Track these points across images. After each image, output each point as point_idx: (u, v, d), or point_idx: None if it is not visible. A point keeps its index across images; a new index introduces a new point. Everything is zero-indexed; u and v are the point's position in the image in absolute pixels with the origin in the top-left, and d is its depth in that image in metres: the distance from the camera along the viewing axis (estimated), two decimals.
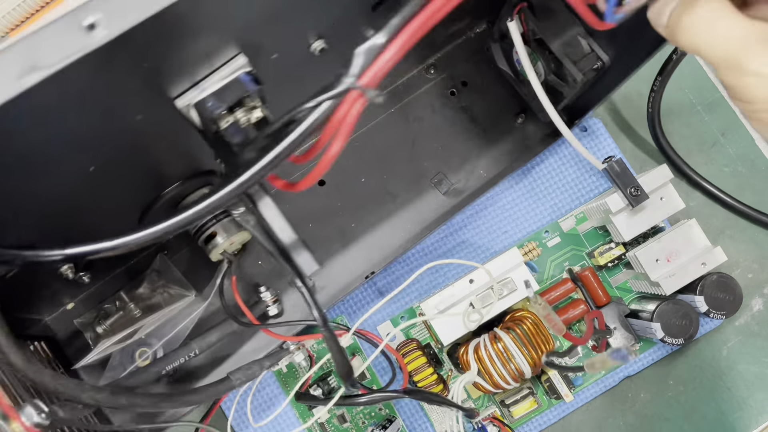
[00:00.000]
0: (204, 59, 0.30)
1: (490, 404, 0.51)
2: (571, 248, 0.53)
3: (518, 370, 0.46)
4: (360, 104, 0.26)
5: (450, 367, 0.51)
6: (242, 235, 0.43)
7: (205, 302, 0.46)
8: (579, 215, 0.53)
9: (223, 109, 0.31)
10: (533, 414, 0.51)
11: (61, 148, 0.29)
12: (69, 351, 0.47)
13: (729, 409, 0.51)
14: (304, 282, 0.34)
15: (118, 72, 0.26)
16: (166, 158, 0.38)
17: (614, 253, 0.51)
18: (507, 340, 0.46)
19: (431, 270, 0.53)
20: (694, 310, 0.47)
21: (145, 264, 0.49)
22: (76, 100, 0.26)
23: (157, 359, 0.44)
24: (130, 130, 0.32)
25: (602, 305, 0.51)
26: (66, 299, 0.48)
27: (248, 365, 0.44)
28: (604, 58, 0.44)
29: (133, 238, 0.28)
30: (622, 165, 0.47)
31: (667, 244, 0.47)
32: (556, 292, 0.51)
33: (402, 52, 0.26)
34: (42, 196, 0.33)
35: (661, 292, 0.47)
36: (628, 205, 0.47)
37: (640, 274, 0.48)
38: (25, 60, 0.20)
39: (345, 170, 0.52)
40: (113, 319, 0.47)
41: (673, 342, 0.46)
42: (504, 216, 0.54)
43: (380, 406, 0.51)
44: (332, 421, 0.51)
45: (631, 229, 0.47)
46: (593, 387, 0.51)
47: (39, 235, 0.32)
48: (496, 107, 0.54)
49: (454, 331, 0.47)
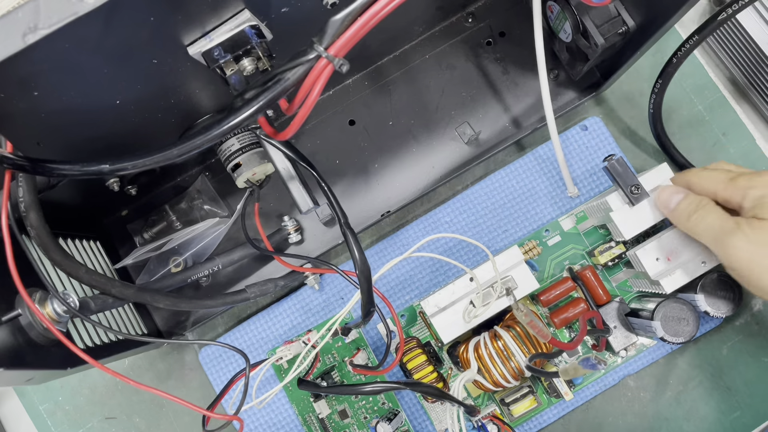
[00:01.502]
0: (212, 12, 0.34)
1: (490, 403, 0.51)
2: (572, 247, 0.53)
3: (518, 368, 0.47)
4: (328, 71, 0.29)
5: (450, 366, 0.51)
6: (263, 167, 0.47)
7: (230, 222, 0.51)
8: (579, 214, 0.52)
9: (227, 58, 0.35)
10: (533, 413, 0.51)
11: (89, 86, 0.34)
12: (122, 252, 0.55)
13: (729, 408, 0.51)
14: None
15: (126, 26, 0.30)
16: (193, 94, 0.43)
17: (614, 251, 0.50)
18: (507, 338, 0.47)
19: (432, 269, 0.53)
20: (694, 309, 0.47)
21: (190, 182, 0.55)
22: (92, 48, 0.30)
23: (185, 268, 0.50)
24: (150, 72, 0.36)
25: (602, 304, 0.50)
26: (122, 208, 0.55)
27: (263, 282, 0.50)
28: (630, 24, 0.43)
29: (135, 162, 0.32)
30: (623, 163, 0.46)
31: (667, 242, 0.46)
32: (556, 290, 0.50)
33: (367, 26, 0.28)
34: (85, 127, 0.38)
35: (661, 290, 0.46)
36: (628, 204, 0.46)
37: (640, 272, 0.48)
38: (29, 21, 0.25)
39: (374, 113, 0.55)
40: (158, 228, 0.54)
41: (673, 341, 0.46)
42: (504, 215, 0.53)
43: (383, 400, 0.51)
44: (333, 417, 0.51)
45: (631, 227, 0.46)
46: (593, 386, 0.51)
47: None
48: (530, 61, 0.54)
49: (454, 329, 0.47)
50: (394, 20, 0.33)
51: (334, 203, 0.39)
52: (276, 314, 0.53)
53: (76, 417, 0.55)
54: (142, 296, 0.43)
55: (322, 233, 0.54)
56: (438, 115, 0.54)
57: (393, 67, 0.55)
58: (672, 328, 0.46)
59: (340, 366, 0.52)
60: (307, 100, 0.30)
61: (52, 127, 0.36)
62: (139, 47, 0.33)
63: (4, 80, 0.29)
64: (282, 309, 0.53)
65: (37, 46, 0.27)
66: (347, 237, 0.38)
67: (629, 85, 0.56)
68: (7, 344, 0.33)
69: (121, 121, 0.40)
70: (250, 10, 0.35)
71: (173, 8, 0.31)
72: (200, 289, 0.53)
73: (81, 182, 0.47)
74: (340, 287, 0.54)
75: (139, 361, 0.55)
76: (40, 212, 0.38)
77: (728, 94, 0.56)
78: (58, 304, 0.37)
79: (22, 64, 0.28)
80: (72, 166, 0.33)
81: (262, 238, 0.49)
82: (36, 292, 0.38)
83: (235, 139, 0.47)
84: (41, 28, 0.25)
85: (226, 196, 0.55)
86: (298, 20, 0.38)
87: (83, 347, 0.41)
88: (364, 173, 0.54)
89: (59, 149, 0.39)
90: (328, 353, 0.52)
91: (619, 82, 0.55)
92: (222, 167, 0.55)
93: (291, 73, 0.30)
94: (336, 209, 0.39)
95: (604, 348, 0.50)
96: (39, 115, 0.34)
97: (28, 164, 0.32)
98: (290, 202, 0.54)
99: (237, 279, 0.53)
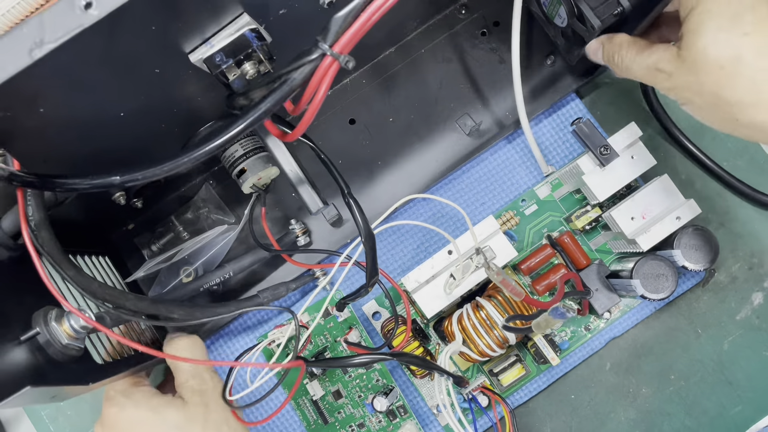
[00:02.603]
0: (211, 17, 0.34)
1: (479, 375, 0.52)
2: (549, 215, 0.53)
3: (502, 337, 0.47)
4: (334, 68, 0.29)
5: (437, 341, 0.52)
6: (268, 171, 0.47)
7: (238, 228, 0.51)
8: (554, 181, 0.53)
9: (229, 63, 0.35)
10: (523, 381, 0.51)
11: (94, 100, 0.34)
12: (131, 265, 0.55)
13: (730, 403, 0.51)
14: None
15: (127, 36, 0.30)
16: (195, 102, 0.43)
17: (591, 215, 0.51)
18: (489, 308, 0.47)
19: (413, 246, 0.54)
20: (672, 265, 0.47)
21: (194, 192, 0.55)
22: (97, 61, 0.30)
23: (196, 277, 0.50)
24: (153, 82, 0.36)
25: (582, 268, 0.51)
26: (128, 221, 0.55)
27: (275, 286, 0.50)
28: (625, 4, 0.44)
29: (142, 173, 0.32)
30: (590, 126, 0.46)
31: (641, 201, 0.46)
32: (536, 258, 0.51)
33: (371, 21, 0.28)
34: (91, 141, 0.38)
35: (638, 249, 0.47)
36: (598, 165, 0.47)
37: (617, 233, 0.48)
38: (35, 36, 0.25)
39: (374, 110, 0.55)
40: (165, 240, 0.54)
41: (653, 297, 0.47)
42: (480, 188, 0.54)
43: (377, 377, 0.51)
44: (327, 399, 0.51)
45: (604, 189, 0.47)
46: (580, 351, 0.52)
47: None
48: (525, 48, 0.54)
49: (436, 303, 0.47)
50: (388, 16, 0.33)
51: (337, 174, 0.40)
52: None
53: (78, 422, 0.54)
54: (156, 308, 0.43)
55: (330, 234, 0.54)
56: (438, 108, 0.54)
57: (390, 63, 0.55)
58: (651, 284, 0.47)
59: (333, 346, 0.52)
60: (315, 99, 0.30)
61: (58, 143, 0.36)
62: (140, 57, 0.33)
63: (11, 98, 0.29)
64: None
65: (43, 61, 0.27)
66: (351, 207, 0.38)
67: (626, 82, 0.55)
68: (29, 363, 0.33)
69: (125, 134, 0.40)
70: (249, 14, 0.35)
71: (173, 16, 0.31)
72: (213, 297, 0.53)
73: (88, 198, 0.46)
74: (352, 287, 0.54)
75: None
76: (51, 229, 0.37)
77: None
78: (75, 320, 0.37)
79: (28, 80, 0.28)
80: (82, 179, 0.33)
81: (272, 241, 0.49)
82: (51, 310, 0.37)
83: (238, 145, 0.47)
84: (48, 42, 0.25)
85: (231, 203, 0.55)
86: (296, 21, 0.39)
87: (102, 362, 0.41)
88: (367, 171, 0.54)
89: (65, 165, 0.39)
90: (320, 335, 0.52)
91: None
92: (225, 175, 0.55)
93: (297, 72, 0.30)
94: (339, 180, 0.40)
95: (588, 311, 0.51)
96: (45, 132, 0.34)
97: (37, 180, 0.32)
98: (296, 206, 0.54)
99: (249, 285, 0.53)
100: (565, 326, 0.52)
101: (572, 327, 0.52)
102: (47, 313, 0.37)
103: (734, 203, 0.54)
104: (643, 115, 0.55)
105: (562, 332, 0.52)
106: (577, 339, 0.52)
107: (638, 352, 0.52)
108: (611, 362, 0.53)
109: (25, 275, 0.36)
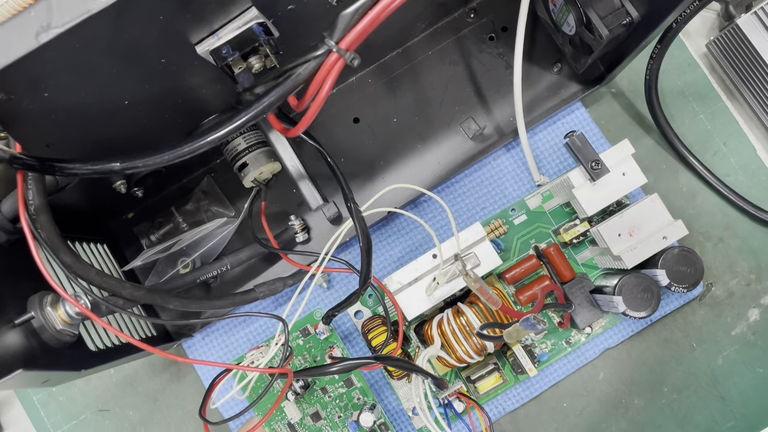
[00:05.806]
0: (220, 10, 0.34)
1: (456, 381, 0.51)
2: (538, 226, 0.53)
3: (480, 344, 0.46)
4: (339, 65, 0.29)
5: (417, 344, 0.52)
6: (270, 165, 0.47)
7: (237, 221, 0.51)
8: (545, 193, 0.53)
9: (235, 56, 0.35)
10: (499, 390, 0.51)
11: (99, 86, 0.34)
12: (129, 254, 0.55)
13: (722, 418, 0.51)
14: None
15: (135, 25, 0.30)
16: (200, 94, 0.43)
17: (579, 229, 0.51)
18: (469, 314, 0.47)
19: (399, 248, 0.54)
20: (656, 284, 0.47)
21: (195, 183, 0.55)
22: (103, 48, 0.30)
23: (194, 269, 0.50)
24: (159, 72, 0.36)
25: (567, 281, 0.50)
26: (128, 210, 0.55)
27: (272, 281, 0.50)
28: (634, 14, 0.44)
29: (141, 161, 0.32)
30: (583, 139, 0.46)
31: (630, 218, 0.46)
32: (520, 268, 0.51)
33: (378, 20, 0.28)
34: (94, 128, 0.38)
35: (623, 266, 0.47)
36: (589, 180, 0.47)
37: (604, 249, 0.48)
38: (42, 20, 0.25)
39: (378, 110, 0.55)
40: (164, 230, 0.54)
41: (635, 315, 0.46)
42: (471, 195, 0.54)
43: (358, 396, 0.51)
44: (304, 422, 0.50)
45: (593, 204, 0.47)
46: (558, 364, 0.52)
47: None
48: (533, 55, 0.54)
49: (417, 306, 0.47)
50: (397, 17, 0.33)
51: (342, 178, 0.40)
52: (280, 312, 0.53)
53: (70, 408, 0.54)
54: (152, 297, 0.43)
55: (329, 231, 0.54)
56: (442, 111, 0.54)
57: (396, 64, 0.55)
58: (634, 303, 0.47)
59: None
60: (319, 95, 0.30)
61: (61, 128, 0.36)
62: (148, 46, 0.33)
63: (15, 81, 0.29)
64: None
65: (50, 45, 0.27)
66: (352, 213, 0.39)
67: (630, 79, 0.56)
68: (22, 346, 0.33)
69: (129, 122, 0.40)
70: (258, 8, 0.35)
71: (182, 6, 0.31)
72: (209, 289, 0.53)
73: (88, 184, 0.46)
74: (349, 286, 0.54)
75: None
76: (50, 215, 0.37)
77: (730, 103, 0.56)
78: (70, 307, 0.37)
79: (34, 64, 0.28)
80: (83, 164, 0.33)
81: (269, 237, 0.49)
82: (47, 295, 0.37)
83: (241, 139, 0.47)
84: (54, 26, 0.25)
85: (232, 197, 0.55)
86: (304, 17, 0.39)
87: (95, 350, 0.41)
88: (369, 170, 0.54)
89: (68, 151, 0.39)
90: (299, 355, 0.52)
91: (620, 76, 0.55)
92: (227, 168, 0.55)
93: (302, 68, 0.30)
94: (343, 185, 0.40)
95: (569, 324, 0.51)
96: (49, 117, 0.34)
97: (38, 164, 0.32)
98: (296, 201, 0.54)
99: (245, 279, 0.53)
100: (545, 338, 0.52)
101: (553, 339, 0.52)
102: (43, 297, 0.37)
103: (735, 218, 0.54)
104: (647, 126, 0.55)
105: (543, 344, 0.52)
106: (557, 352, 0.52)
107: (632, 364, 0.52)
108: (604, 372, 0.52)
109: (23, 259, 0.36)
